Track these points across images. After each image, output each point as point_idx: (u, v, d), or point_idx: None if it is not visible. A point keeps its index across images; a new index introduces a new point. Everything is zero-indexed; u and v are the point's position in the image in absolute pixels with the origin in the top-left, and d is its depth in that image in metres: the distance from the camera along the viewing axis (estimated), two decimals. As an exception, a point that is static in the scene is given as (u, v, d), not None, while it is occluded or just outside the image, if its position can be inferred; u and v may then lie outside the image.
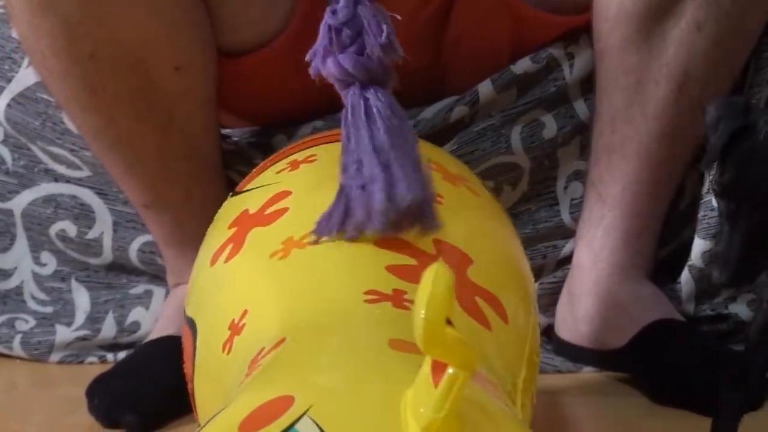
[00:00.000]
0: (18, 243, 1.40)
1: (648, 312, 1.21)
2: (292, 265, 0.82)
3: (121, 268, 1.38)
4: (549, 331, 1.29)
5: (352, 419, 0.59)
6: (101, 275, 1.39)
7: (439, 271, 0.53)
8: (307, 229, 0.84)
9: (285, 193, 0.89)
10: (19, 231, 1.40)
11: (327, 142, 0.96)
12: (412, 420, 0.56)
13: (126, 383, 1.17)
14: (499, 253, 0.90)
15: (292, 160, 0.94)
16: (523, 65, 1.27)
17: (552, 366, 1.27)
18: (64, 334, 1.36)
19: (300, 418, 0.59)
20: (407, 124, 0.86)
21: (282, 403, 0.60)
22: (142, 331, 1.35)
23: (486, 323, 0.81)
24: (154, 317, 1.34)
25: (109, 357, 1.36)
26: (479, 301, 0.82)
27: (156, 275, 1.37)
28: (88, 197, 1.37)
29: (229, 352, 0.80)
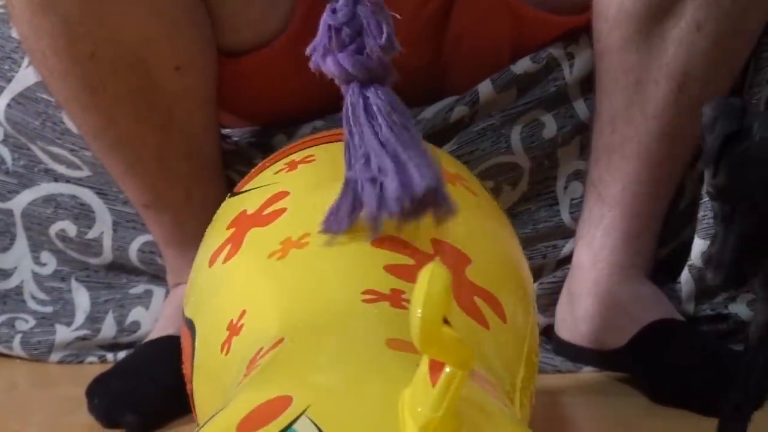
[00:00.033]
0: (18, 243, 1.40)
1: (648, 312, 1.21)
2: (291, 265, 0.82)
3: (121, 267, 1.38)
4: (549, 331, 1.29)
5: (351, 419, 0.59)
6: (101, 275, 1.39)
7: (436, 270, 0.53)
8: (305, 230, 0.84)
9: (283, 194, 0.89)
10: (19, 231, 1.40)
11: (326, 142, 0.96)
12: (409, 419, 0.56)
13: (126, 383, 1.17)
14: (497, 253, 0.90)
15: (290, 160, 0.94)
16: (523, 65, 1.27)
17: (552, 366, 1.27)
18: (64, 333, 1.36)
19: (298, 418, 0.59)
20: (409, 120, 0.85)
21: (280, 403, 0.60)
22: (141, 331, 1.35)
23: (484, 323, 0.81)
24: (154, 317, 1.34)
25: (109, 357, 1.36)
26: (478, 301, 0.82)
27: (156, 275, 1.37)
28: (88, 197, 1.37)
29: (227, 353, 0.80)
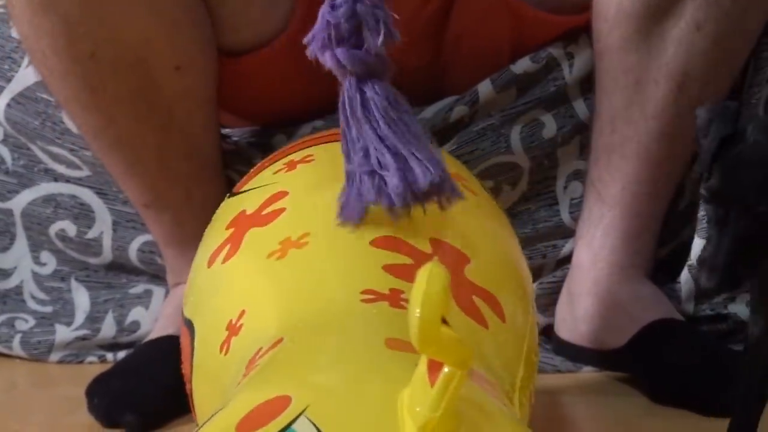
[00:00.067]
0: (18, 243, 1.40)
1: (647, 312, 1.21)
2: (290, 265, 0.82)
3: (120, 267, 1.38)
4: (549, 331, 1.29)
5: (349, 419, 0.59)
6: (101, 275, 1.39)
7: (434, 270, 0.53)
8: (304, 230, 0.84)
9: (282, 194, 0.88)
10: (18, 231, 1.39)
11: (325, 142, 0.96)
12: (408, 419, 0.56)
13: (125, 383, 1.17)
14: (496, 253, 0.90)
15: (289, 160, 0.94)
16: (523, 65, 1.27)
17: (551, 366, 1.26)
18: (63, 333, 1.36)
19: (297, 418, 0.59)
20: (408, 115, 0.85)
21: (279, 403, 0.60)
22: (141, 331, 1.35)
23: (483, 322, 0.81)
24: (153, 317, 1.34)
25: (109, 357, 1.35)
26: (477, 301, 0.81)
27: (156, 275, 1.37)
28: (88, 197, 1.37)
29: (226, 353, 0.80)
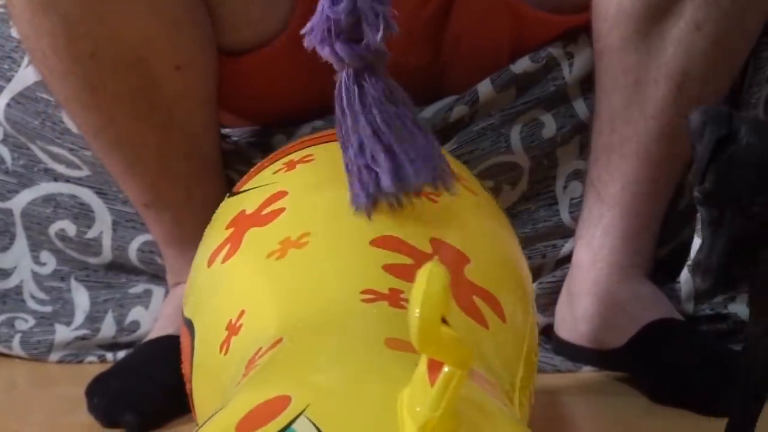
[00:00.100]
0: (17, 242, 1.40)
1: (647, 311, 1.21)
2: (289, 265, 0.82)
3: (120, 267, 1.38)
4: (548, 331, 1.29)
5: (349, 418, 0.59)
6: (101, 275, 1.39)
7: (434, 269, 0.53)
8: (304, 230, 0.84)
9: (282, 194, 0.88)
10: (18, 230, 1.39)
11: (325, 142, 0.95)
12: (408, 419, 0.56)
13: (125, 383, 1.17)
14: (496, 252, 0.90)
15: (288, 160, 0.93)
16: (523, 65, 1.27)
17: (551, 365, 1.26)
18: (63, 333, 1.36)
19: (297, 418, 0.59)
20: (405, 107, 0.86)
21: (279, 402, 0.60)
22: (141, 331, 1.35)
23: (483, 322, 0.81)
24: (153, 317, 1.34)
25: (109, 356, 1.35)
26: (477, 300, 0.81)
27: (155, 275, 1.37)
28: (88, 197, 1.37)
29: (226, 353, 0.80)
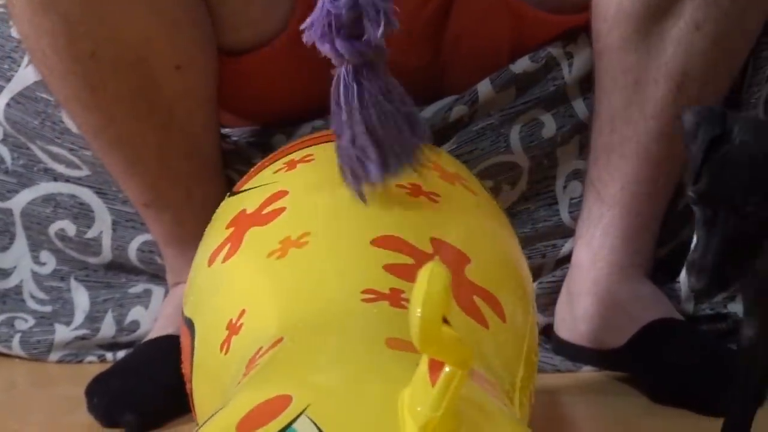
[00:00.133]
0: (17, 242, 1.40)
1: (647, 311, 1.21)
2: (290, 264, 0.82)
3: (120, 267, 1.38)
4: (548, 331, 1.29)
5: (350, 418, 0.59)
6: (100, 274, 1.39)
7: (435, 269, 0.53)
8: (304, 229, 0.84)
9: (282, 193, 0.89)
10: (18, 230, 1.39)
11: (325, 142, 0.95)
12: (409, 419, 0.56)
13: (125, 382, 1.17)
14: (496, 252, 0.90)
15: (289, 159, 0.94)
16: (522, 64, 1.27)
17: (551, 365, 1.26)
18: (63, 333, 1.36)
19: (298, 417, 0.59)
20: (401, 104, 0.86)
21: (280, 402, 0.61)
22: (141, 331, 1.35)
23: (484, 322, 0.81)
24: (153, 316, 1.34)
25: (109, 356, 1.35)
26: (477, 300, 0.81)
27: (155, 274, 1.37)
28: (88, 196, 1.37)
29: (226, 352, 0.80)
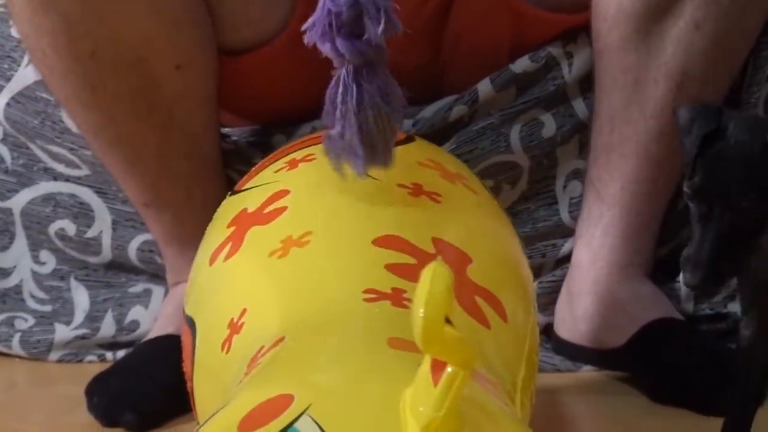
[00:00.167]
0: (17, 242, 1.40)
1: (647, 311, 1.21)
2: (291, 263, 0.82)
3: (120, 266, 1.38)
4: (548, 330, 1.29)
5: (352, 418, 0.59)
6: (100, 274, 1.39)
7: (438, 269, 0.53)
8: (306, 228, 0.84)
9: (283, 192, 0.89)
10: (18, 230, 1.39)
11: (326, 141, 0.96)
12: (411, 419, 0.56)
13: (125, 382, 1.17)
14: (498, 252, 0.90)
15: (290, 159, 0.94)
16: (522, 64, 1.27)
17: (551, 365, 1.26)
18: (63, 332, 1.36)
19: (299, 417, 0.59)
20: (396, 105, 0.86)
21: (281, 401, 0.61)
22: (141, 330, 1.35)
23: (485, 322, 0.81)
24: (153, 316, 1.34)
25: (108, 356, 1.35)
26: (478, 300, 0.82)
27: (155, 274, 1.36)
28: (87, 196, 1.37)
29: (228, 351, 0.80)
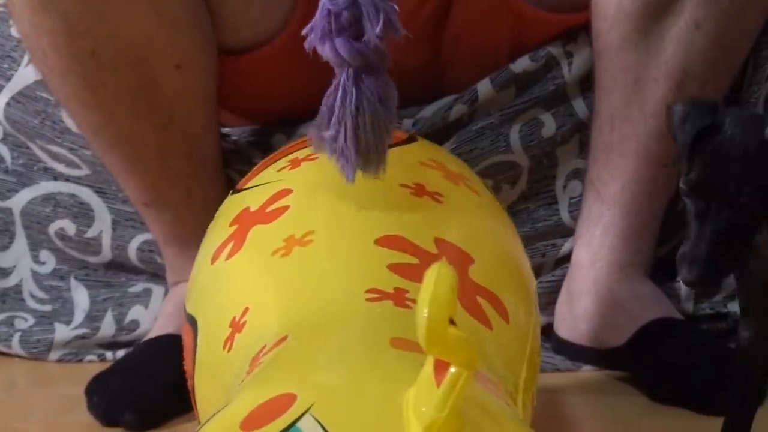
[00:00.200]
0: (17, 241, 1.40)
1: (647, 311, 1.21)
2: (294, 263, 0.82)
3: (120, 266, 1.38)
4: (548, 330, 1.29)
5: (354, 418, 0.59)
6: (100, 274, 1.39)
7: (442, 270, 0.53)
8: (308, 228, 0.84)
9: (286, 191, 0.89)
10: (18, 229, 1.39)
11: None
12: (414, 419, 0.56)
13: (125, 381, 1.17)
14: (500, 253, 0.90)
15: (293, 158, 0.94)
16: (522, 64, 1.27)
17: (551, 365, 1.26)
18: (63, 332, 1.36)
19: (302, 416, 0.59)
20: (393, 110, 0.86)
21: (284, 401, 0.61)
22: (141, 330, 1.35)
23: (487, 323, 0.81)
24: (153, 316, 1.34)
25: (108, 355, 1.35)
26: (480, 301, 0.81)
27: (155, 274, 1.36)
28: (87, 196, 1.37)
29: (230, 350, 0.80)
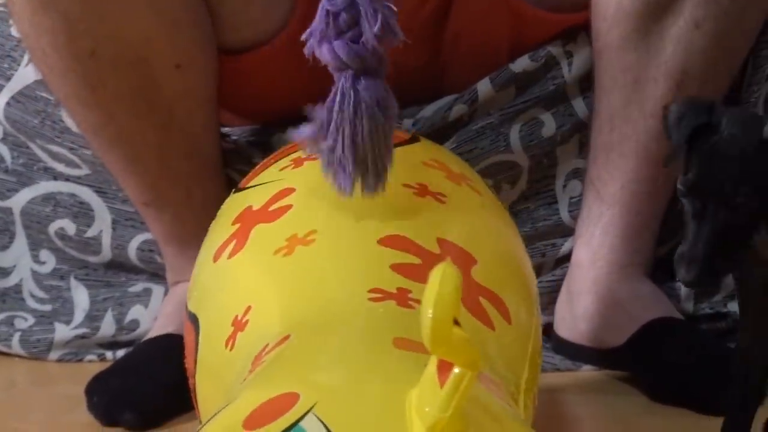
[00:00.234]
0: (17, 241, 1.40)
1: (647, 310, 1.21)
2: (296, 262, 0.82)
3: (120, 266, 1.38)
4: (548, 330, 1.29)
5: (357, 417, 0.59)
6: (100, 273, 1.39)
7: (447, 270, 0.53)
8: (311, 227, 0.84)
9: (289, 190, 0.89)
10: (18, 229, 1.39)
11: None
12: (417, 419, 0.56)
13: (125, 381, 1.17)
14: (502, 253, 0.90)
15: (295, 157, 0.94)
16: (522, 64, 1.27)
17: (551, 364, 1.26)
18: (63, 332, 1.36)
19: (305, 416, 0.59)
20: (392, 120, 0.86)
21: (287, 400, 0.61)
22: (141, 329, 1.35)
23: (489, 323, 0.81)
24: (153, 315, 1.34)
25: (108, 355, 1.35)
26: (482, 302, 0.82)
27: (155, 273, 1.36)
28: (87, 195, 1.37)
29: (232, 348, 0.80)
